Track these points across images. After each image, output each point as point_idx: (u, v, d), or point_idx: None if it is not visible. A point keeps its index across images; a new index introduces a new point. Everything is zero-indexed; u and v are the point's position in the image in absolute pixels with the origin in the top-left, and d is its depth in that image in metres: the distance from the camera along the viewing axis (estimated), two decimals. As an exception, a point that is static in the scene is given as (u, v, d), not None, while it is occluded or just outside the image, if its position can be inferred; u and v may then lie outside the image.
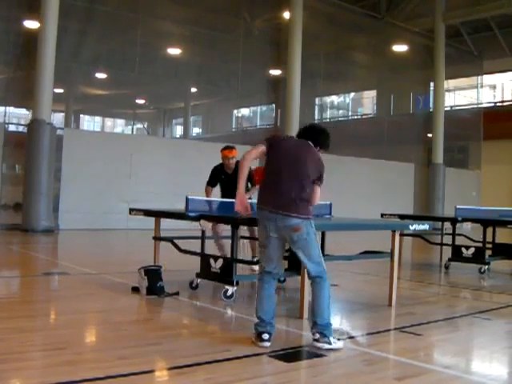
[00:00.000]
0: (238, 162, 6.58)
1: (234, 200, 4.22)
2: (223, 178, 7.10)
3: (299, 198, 3.97)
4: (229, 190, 6.65)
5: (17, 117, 19.15)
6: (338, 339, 4.01)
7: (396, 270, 5.57)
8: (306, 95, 18.30)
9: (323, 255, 5.96)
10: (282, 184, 3.99)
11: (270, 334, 3.90)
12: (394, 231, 5.54)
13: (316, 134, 4.25)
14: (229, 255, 5.90)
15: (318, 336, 3.91)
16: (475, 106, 23.57)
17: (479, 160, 22.97)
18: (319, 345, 3.89)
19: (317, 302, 4.00)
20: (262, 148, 4.10)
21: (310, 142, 4.17)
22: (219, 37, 18.41)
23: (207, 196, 7.03)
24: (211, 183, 7.20)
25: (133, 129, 21.63)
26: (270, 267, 4.07)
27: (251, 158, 4.10)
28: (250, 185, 6.65)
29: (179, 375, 3.28)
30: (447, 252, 8.62)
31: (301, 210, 3.96)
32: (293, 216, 3.93)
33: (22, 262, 8.41)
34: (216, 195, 7.10)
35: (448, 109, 21.94)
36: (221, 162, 7.09)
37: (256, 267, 7.00)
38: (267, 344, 3.85)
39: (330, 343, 3.88)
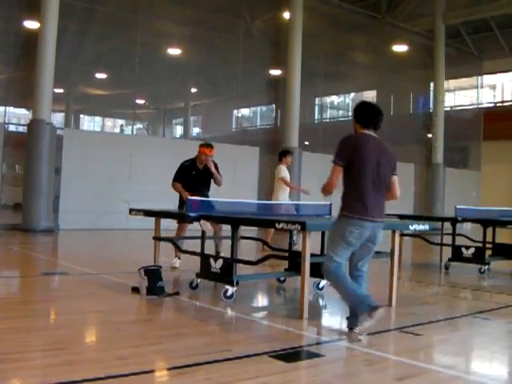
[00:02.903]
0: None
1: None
2: (194, 173, 7.43)
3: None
4: (197, 185, 7.33)
5: (17, 117, 19.17)
6: None
7: (396, 270, 5.57)
8: (305, 95, 18.27)
9: (323, 255, 5.98)
10: (376, 192, 4.06)
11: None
12: (393, 231, 5.54)
13: (379, 117, 4.35)
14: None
15: None
16: (475, 106, 23.56)
17: (479, 160, 22.94)
18: None
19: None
20: (339, 169, 4.15)
21: (376, 136, 4.23)
22: (219, 37, 18.39)
23: (179, 190, 7.36)
24: (179, 179, 7.47)
25: (133, 129, 21.62)
26: (343, 260, 4.23)
27: (335, 187, 4.12)
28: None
29: (179, 375, 3.28)
30: (447, 252, 8.63)
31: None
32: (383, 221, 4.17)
33: (21, 261, 8.41)
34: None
35: (448, 109, 21.94)
36: (189, 158, 7.53)
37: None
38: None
39: None
